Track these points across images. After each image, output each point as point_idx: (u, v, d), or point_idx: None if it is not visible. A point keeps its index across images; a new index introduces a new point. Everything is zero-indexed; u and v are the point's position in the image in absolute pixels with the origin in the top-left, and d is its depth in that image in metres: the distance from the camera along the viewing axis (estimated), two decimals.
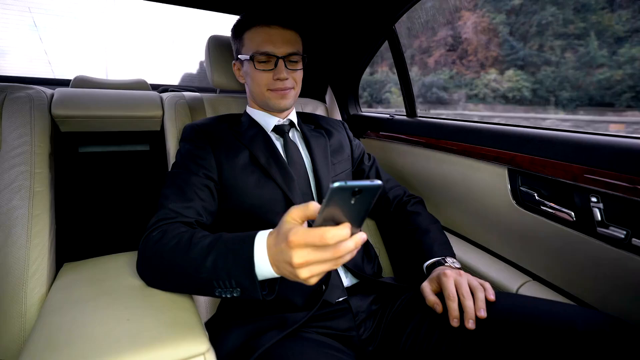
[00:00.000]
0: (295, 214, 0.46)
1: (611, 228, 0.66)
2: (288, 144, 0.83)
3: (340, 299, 0.72)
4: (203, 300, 0.87)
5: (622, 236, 0.64)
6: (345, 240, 0.42)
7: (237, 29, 0.84)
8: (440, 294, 0.67)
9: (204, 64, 1.06)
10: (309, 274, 0.45)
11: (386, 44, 1.23)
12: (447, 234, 0.86)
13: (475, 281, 0.65)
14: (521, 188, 0.83)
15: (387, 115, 1.34)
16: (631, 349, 0.48)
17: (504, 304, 0.61)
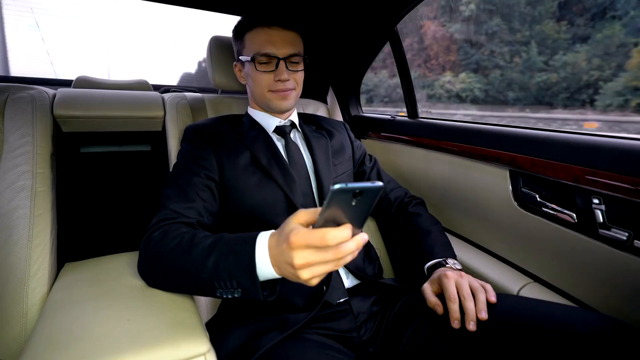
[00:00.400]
0: (302, 217, 0.46)
1: (613, 230, 0.66)
2: (289, 144, 0.83)
3: (341, 300, 0.71)
4: (204, 301, 0.87)
5: (624, 238, 0.64)
6: (347, 241, 0.42)
7: (238, 30, 0.84)
8: (441, 295, 0.66)
9: (204, 64, 1.06)
10: (310, 275, 0.45)
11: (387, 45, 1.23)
12: (448, 235, 0.86)
13: (476, 282, 0.64)
14: (523, 189, 0.83)
15: (389, 116, 1.34)
16: (633, 351, 0.47)
17: (505, 306, 0.61)
